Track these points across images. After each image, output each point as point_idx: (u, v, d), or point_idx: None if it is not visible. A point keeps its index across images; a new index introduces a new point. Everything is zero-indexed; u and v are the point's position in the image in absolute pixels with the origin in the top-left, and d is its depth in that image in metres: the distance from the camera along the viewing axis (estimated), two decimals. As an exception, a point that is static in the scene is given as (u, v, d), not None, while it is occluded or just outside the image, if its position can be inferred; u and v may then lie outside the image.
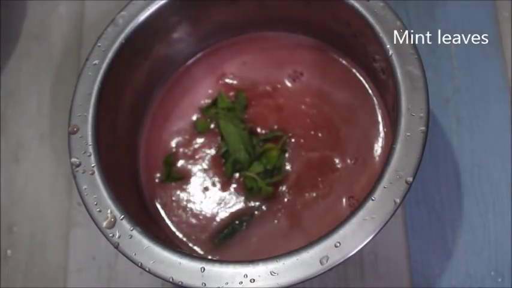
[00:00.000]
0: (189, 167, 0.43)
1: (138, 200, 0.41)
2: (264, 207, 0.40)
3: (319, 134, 0.42)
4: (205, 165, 0.42)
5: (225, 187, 0.42)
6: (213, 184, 0.42)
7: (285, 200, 0.40)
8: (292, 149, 0.41)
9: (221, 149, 0.42)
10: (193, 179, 0.42)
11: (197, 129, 0.43)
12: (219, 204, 0.41)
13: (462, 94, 0.46)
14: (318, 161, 0.41)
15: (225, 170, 0.42)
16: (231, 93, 0.44)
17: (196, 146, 0.43)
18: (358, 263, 0.42)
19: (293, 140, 0.42)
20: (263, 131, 0.42)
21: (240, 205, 0.41)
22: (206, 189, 0.42)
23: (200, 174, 0.42)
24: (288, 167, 0.41)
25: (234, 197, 0.41)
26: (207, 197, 0.42)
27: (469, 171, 0.44)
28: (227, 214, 0.41)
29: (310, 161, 0.41)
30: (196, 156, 0.43)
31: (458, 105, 0.46)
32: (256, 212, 0.40)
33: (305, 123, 0.42)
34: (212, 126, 0.43)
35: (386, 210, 0.30)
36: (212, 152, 0.43)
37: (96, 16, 0.52)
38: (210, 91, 0.44)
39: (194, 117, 0.44)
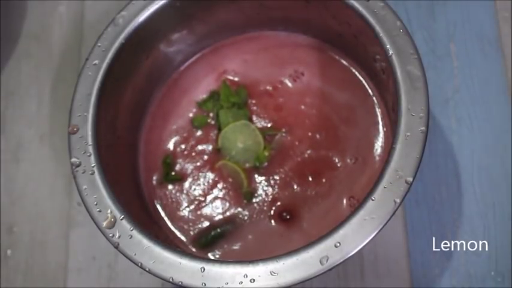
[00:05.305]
0: (188, 166, 0.43)
1: (138, 200, 0.41)
2: (263, 207, 0.40)
3: (319, 134, 0.42)
4: (203, 164, 0.42)
5: (224, 187, 0.42)
6: (213, 183, 0.42)
7: (285, 200, 0.40)
8: (291, 149, 0.41)
9: (218, 143, 0.42)
10: (192, 179, 0.42)
11: (194, 124, 0.43)
12: (218, 203, 0.41)
13: (462, 94, 0.46)
14: (318, 161, 0.41)
15: (225, 170, 0.42)
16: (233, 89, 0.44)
17: (194, 144, 0.43)
18: (358, 263, 0.42)
19: (292, 140, 0.42)
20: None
21: (240, 205, 0.41)
22: (205, 188, 0.42)
23: (199, 174, 0.42)
24: (288, 167, 0.41)
25: (234, 197, 0.41)
26: (206, 196, 0.42)
27: (469, 171, 0.44)
28: (227, 214, 0.41)
29: (310, 161, 0.41)
30: (196, 156, 0.43)
31: (458, 105, 0.46)
32: (255, 212, 0.40)
33: (305, 124, 0.42)
34: (213, 123, 0.43)
35: (386, 210, 0.30)
36: (210, 148, 0.43)
37: (96, 16, 0.52)
38: (210, 88, 0.44)
39: (192, 115, 0.44)
